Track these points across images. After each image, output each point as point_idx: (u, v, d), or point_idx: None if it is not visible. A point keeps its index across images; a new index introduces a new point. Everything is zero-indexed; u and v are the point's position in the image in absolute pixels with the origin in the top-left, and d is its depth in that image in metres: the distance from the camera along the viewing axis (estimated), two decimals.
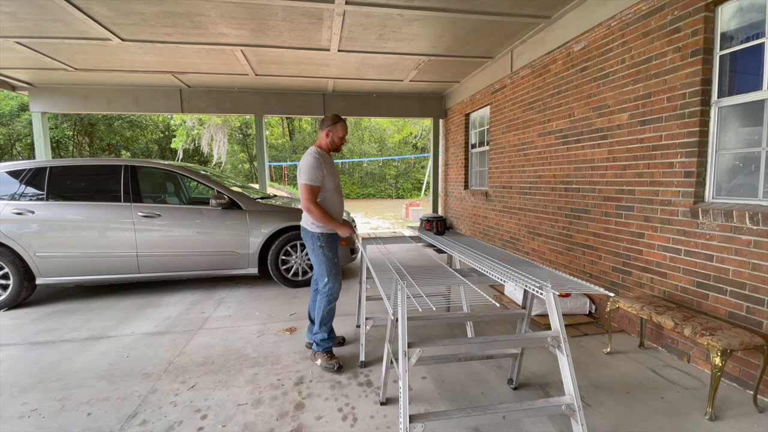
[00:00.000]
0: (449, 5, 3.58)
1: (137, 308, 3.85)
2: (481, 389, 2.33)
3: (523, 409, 1.51)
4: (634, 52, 2.96)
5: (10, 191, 3.94)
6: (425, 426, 1.42)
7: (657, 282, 2.85)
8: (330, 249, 2.59)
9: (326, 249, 2.57)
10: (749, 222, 2.20)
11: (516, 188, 4.80)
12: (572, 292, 1.50)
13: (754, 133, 2.34)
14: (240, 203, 4.24)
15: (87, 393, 2.34)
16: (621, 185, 3.13)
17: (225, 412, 2.13)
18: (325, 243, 2.57)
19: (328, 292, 2.58)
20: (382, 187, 24.81)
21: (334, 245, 2.63)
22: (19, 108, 15.96)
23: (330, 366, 2.56)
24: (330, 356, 2.61)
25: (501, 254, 2.27)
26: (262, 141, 7.33)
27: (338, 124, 2.57)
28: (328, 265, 2.57)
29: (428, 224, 3.13)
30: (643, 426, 1.98)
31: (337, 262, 2.61)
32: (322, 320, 2.61)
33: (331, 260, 2.58)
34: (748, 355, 2.28)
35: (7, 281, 3.84)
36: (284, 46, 4.61)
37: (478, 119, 6.38)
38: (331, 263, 2.58)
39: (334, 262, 2.59)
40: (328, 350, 2.64)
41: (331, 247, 2.61)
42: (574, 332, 3.15)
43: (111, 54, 4.87)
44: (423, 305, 1.64)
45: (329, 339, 2.65)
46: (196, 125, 18.82)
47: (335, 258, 2.61)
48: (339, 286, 2.61)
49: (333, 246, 2.62)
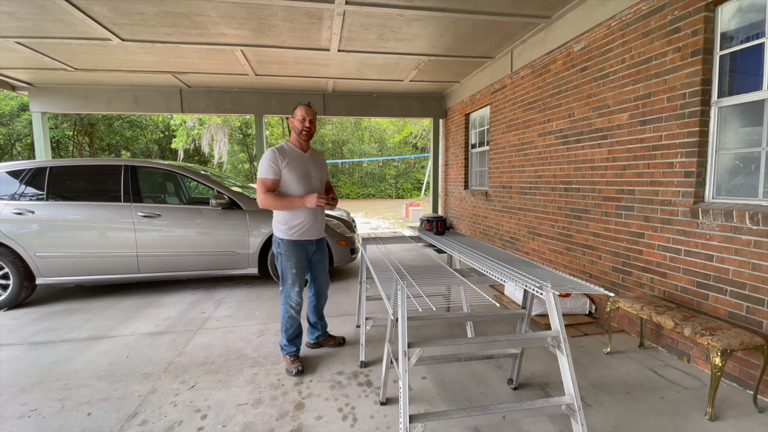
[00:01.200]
0: (449, 5, 3.58)
1: (137, 308, 3.85)
2: (481, 389, 2.33)
3: (523, 409, 1.51)
4: (634, 52, 2.96)
5: (10, 191, 3.94)
6: (425, 426, 1.42)
7: (657, 282, 2.85)
8: (288, 257, 2.49)
9: (284, 257, 2.49)
10: (749, 222, 2.20)
11: (516, 188, 4.80)
12: (572, 292, 1.50)
13: (754, 133, 2.34)
14: (240, 203, 4.24)
15: (87, 393, 2.34)
16: (621, 185, 3.13)
17: (225, 412, 2.13)
18: (285, 250, 2.49)
19: (283, 298, 2.54)
20: (382, 187, 24.82)
21: (296, 254, 2.51)
22: (19, 108, 15.95)
23: (290, 369, 2.52)
24: (292, 359, 2.57)
25: (501, 254, 2.27)
26: (262, 141, 7.33)
27: (296, 108, 2.50)
28: (282, 273, 2.53)
29: (428, 224, 3.13)
30: (643, 426, 1.98)
31: (296, 272, 2.51)
32: (281, 325, 2.58)
33: (288, 270, 2.50)
34: (748, 355, 2.28)
35: (7, 281, 3.84)
36: (284, 46, 4.61)
37: (478, 119, 6.38)
38: (287, 272, 2.50)
39: (291, 272, 2.50)
40: (291, 354, 2.60)
41: (290, 256, 2.49)
42: (574, 332, 3.15)
43: (111, 54, 4.87)
44: (423, 305, 1.63)
45: (289, 345, 2.59)
46: (196, 125, 18.82)
47: (293, 269, 2.50)
48: (295, 296, 2.51)
49: (293, 254, 2.50)
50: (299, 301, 2.54)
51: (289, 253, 2.49)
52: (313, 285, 2.78)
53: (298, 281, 2.53)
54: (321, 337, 2.90)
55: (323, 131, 24.39)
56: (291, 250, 2.49)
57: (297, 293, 2.52)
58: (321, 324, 2.89)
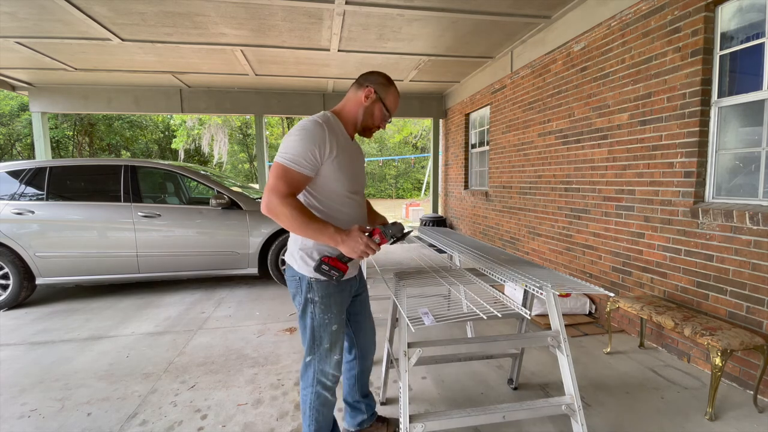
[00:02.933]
0: (449, 5, 3.58)
1: (137, 308, 3.85)
2: (481, 389, 2.33)
3: (523, 409, 1.51)
4: (634, 52, 2.96)
5: (10, 191, 3.93)
6: (425, 426, 1.42)
7: (657, 282, 2.85)
8: (326, 308, 1.47)
9: (321, 308, 1.46)
10: (749, 222, 2.20)
11: (516, 188, 4.80)
12: (572, 292, 1.50)
13: (754, 133, 2.34)
14: (240, 203, 4.24)
15: (87, 393, 2.34)
16: (621, 185, 3.13)
17: (225, 412, 2.13)
18: (323, 296, 1.46)
19: (310, 375, 1.53)
20: (382, 187, 24.81)
21: (339, 300, 1.50)
22: (19, 108, 15.96)
23: None
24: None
25: (501, 254, 2.27)
26: (262, 141, 7.33)
27: (391, 87, 1.52)
28: (315, 332, 1.49)
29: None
30: (643, 426, 1.98)
31: (337, 329, 1.51)
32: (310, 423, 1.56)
33: (325, 327, 1.48)
34: (748, 355, 2.28)
35: (7, 281, 3.84)
36: (284, 46, 4.61)
37: (478, 119, 6.38)
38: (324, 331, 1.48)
39: (331, 329, 1.49)
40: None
41: (329, 305, 1.47)
42: (574, 332, 3.14)
43: (111, 54, 4.87)
44: (425, 315, 1.59)
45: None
46: (196, 125, 18.82)
47: (335, 324, 1.50)
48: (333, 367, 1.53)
49: (335, 302, 1.49)
50: (337, 375, 1.57)
51: (329, 301, 1.47)
52: (356, 342, 1.76)
53: (339, 343, 1.54)
54: (367, 423, 1.86)
55: None
56: (332, 295, 1.48)
57: (336, 363, 1.54)
58: (366, 403, 1.87)
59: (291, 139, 1.35)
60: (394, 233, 1.43)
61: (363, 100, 1.49)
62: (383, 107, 1.51)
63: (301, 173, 1.34)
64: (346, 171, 1.45)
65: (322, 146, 1.36)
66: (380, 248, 1.40)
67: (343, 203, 1.48)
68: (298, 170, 1.33)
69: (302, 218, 1.30)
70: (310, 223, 1.31)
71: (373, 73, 1.53)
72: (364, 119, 1.51)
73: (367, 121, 1.52)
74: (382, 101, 1.50)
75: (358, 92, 1.50)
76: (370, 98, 1.48)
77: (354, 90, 1.52)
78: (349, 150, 1.49)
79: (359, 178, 1.56)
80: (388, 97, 1.51)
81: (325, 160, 1.39)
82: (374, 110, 1.51)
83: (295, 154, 1.33)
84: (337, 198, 1.46)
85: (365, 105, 1.49)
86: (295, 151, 1.33)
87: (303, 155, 1.33)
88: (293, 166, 1.32)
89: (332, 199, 1.46)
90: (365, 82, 1.51)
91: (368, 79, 1.51)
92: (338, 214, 1.47)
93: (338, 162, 1.41)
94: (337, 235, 1.33)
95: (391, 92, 1.52)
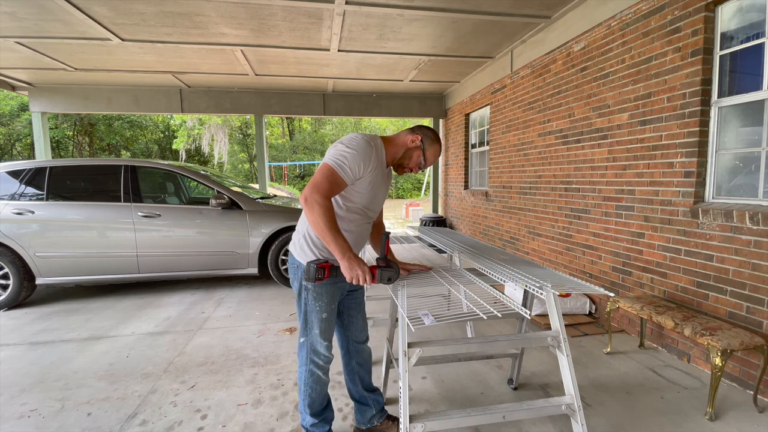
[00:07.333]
0: (449, 5, 3.58)
1: (137, 308, 3.85)
2: (481, 389, 2.33)
3: (523, 409, 1.51)
4: (634, 52, 2.96)
5: (10, 191, 3.93)
6: (425, 426, 1.42)
7: (657, 282, 2.85)
8: (318, 296, 1.64)
9: (313, 296, 1.64)
10: (749, 222, 2.20)
11: (516, 188, 4.80)
12: (572, 292, 1.50)
13: (754, 133, 2.34)
14: (240, 203, 4.24)
15: (87, 393, 2.34)
16: (621, 185, 3.13)
17: (225, 412, 2.13)
18: (315, 286, 1.63)
19: (304, 355, 1.73)
20: None
21: (330, 292, 1.66)
22: (19, 108, 15.96)
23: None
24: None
25: (501, 254, 2.27)
26: (262, 141, 7.33)
27: (436, 144, 1.71)
28: (307, 316, 1.68)
29: None
30: (643, 426, 1.98)
31: (327, 317, 1.68)
32: (301, 394, 1.76)
33: (316, 313, 1.66)
34: (748, 355, 2.28)
35: (7, 281, 3.84)
36: (284, 46, 4.61)
37: (478, 119, 6.38)
38: (314, 317, 1.66)
39: (321, 317, 1.66)
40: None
41: (321, 294, 1.64)
42: (574, 332, 3.15)
43: (111, 54, 4.87)
44: (426, 316, 1.61)
45: (319, 425, 1.79)
46: (197, 125, 18.83)
47: (324, 311, 1.66)
48: (324, 349, 1.71)
49: (326, 293, 1.65)
50: (329, 356, 1.74)
51: (321, 290, 1.65)
52: (348, 336, 1.90)
53: (329, 331, 1.72)
54: (377, 419, 1.94)
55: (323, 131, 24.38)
56: (325, 286, 1.66)
57: (326, 347, 1.73)
58: (373, 398, 1.94)
59: (343, 148, 1.54)
60: (389, 277, 1.60)
61: (409, 142, 1.69)
62: (422, 155, 1.71)
63: (343, 179, 1.53)
64: (372, 189, 1.65)
65: (366, 162, 1.55)
66: (369, 284, 1.55)
67: (353, 218, 1.66)
68: (342, 176, 1.52)
69: (329, 221, 1.47)
70: (333, 228, 1.47)
71: (428, 128, 1.75)
72: (402, 157, 1.71)
73: (404, 160, 1.71)
74: (423, 150, 1.70)
75: (409, 135, 1.70)
76: (415, 143, 1.69)
77: (407, 132, 1.73)
78: (382, 174, 1.68)
79: (378, 200, 1.73)
80: (430, 149, 1.71)
81: (363, 174, 1.57)
82: (413, 154, 1.70)
83: (344, 162, 1.51)
84: (352, 207, 1.65)
85: (408, 146, 1.69)
86: (345, 159, 1.51)
87: (350, 165, 1.52)
88: (340, 171, 1.51)
89: (348, 207, 1.64)
90: (419, 131, 1.72)
91: (422, 130, 1.72)
92: (342, 222, 1.62)
93: (370, 180, 1.61)
94: (349, 252, 1.48)
95: (433, 147, 1.72)
